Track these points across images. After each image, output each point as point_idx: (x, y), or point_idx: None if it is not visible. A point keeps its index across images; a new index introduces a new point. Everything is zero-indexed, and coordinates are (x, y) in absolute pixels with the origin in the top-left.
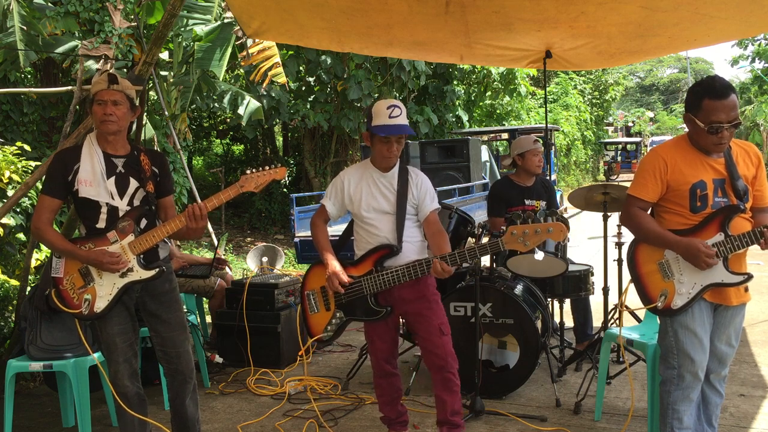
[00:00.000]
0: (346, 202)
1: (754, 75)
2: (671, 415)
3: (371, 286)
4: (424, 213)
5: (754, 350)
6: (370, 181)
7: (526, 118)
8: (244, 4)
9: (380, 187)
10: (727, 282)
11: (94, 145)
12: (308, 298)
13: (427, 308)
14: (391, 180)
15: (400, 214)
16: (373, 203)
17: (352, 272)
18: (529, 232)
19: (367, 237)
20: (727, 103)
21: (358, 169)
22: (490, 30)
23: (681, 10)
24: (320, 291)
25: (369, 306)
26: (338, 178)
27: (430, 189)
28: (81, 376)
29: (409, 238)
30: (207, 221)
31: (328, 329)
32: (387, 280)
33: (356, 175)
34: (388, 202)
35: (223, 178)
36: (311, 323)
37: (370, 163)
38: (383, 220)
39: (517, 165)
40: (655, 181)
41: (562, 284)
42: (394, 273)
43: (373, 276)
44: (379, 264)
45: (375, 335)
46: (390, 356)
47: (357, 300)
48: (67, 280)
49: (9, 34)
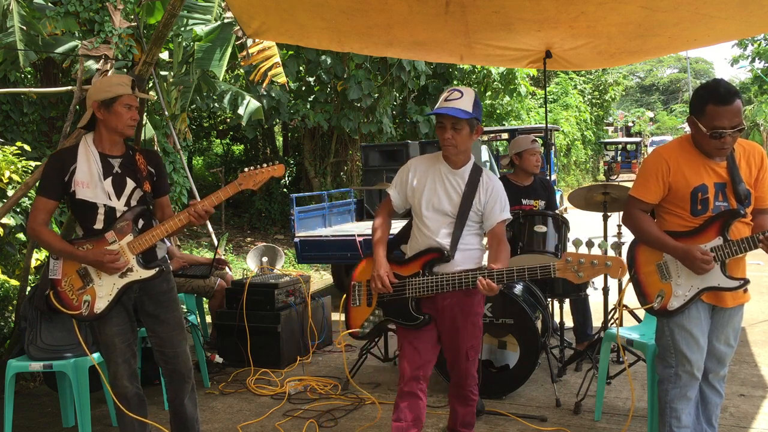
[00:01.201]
0: (408, 194)
1: (754, 75)
2: (669, 414)
3: (415, 290)
4: (490, 223)
5: (754, 350)
6: (437, 176)
7: (526, 118)
8: (244, 4)
9: (446, 184)
10: (723, 287)
11: (90, 146)
12: (353, 289)
13: (461, 326)
14: (459, 179)
15: (461, 218)
16: (434, 201)
17: (399, 271)
18: (585, 263)
19: (419, 237)
20: (730, 109)
21: (428, 159)
22: (490, 30)
23: (681, 10)
24: (366, 284)
25: (408, 310)
26: (405, 167)
27: (501, 196)
28: (81, 376)
29: (465, 245)
30: (207, 217)
31: (365, 325)
32: (432, 285)
33: (423, 166)
34: (451, 203)
35: (223, 178)
36: (351, 315)
37: (441, 156)
38: (440, 222)
39: (514, 165)
40: (657, 182)
41: (562, 284)
42: (440, 280)
43: (419, 279)
44: (427, 267)
45: (407, 341)
46: (420, 370)
47: (398, 301)
48: (66, 281)
49: (9, 34)
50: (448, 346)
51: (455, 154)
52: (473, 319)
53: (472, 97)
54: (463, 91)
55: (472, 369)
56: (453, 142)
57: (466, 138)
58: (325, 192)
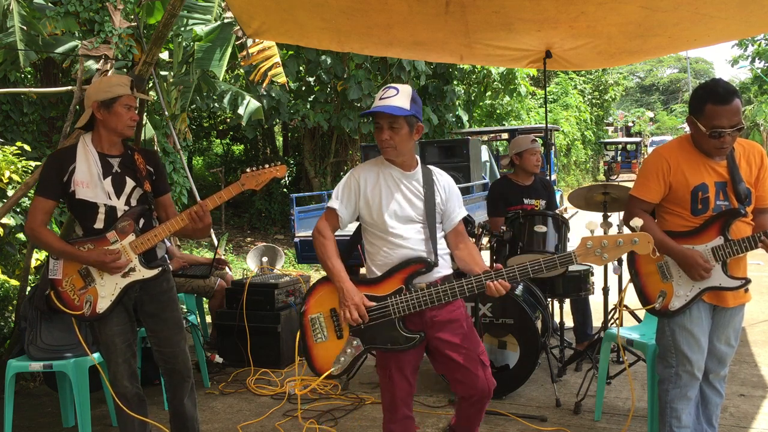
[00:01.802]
0: (361, 207)
1: (754, 75)
2: (669, 414)
3: (401, 308)
4: (452, 221)
5: (754, 350)
6: (391, 183)
7: (526, 118)
8: (244, 4)
9: (404, 190)
10: (725, 286)
11: (89, 146)
12: (313, 324)
13: (463, 335)
14: (415, 182)
15: (431, 222)
16: (397, 209)
17: (373, 292)
18: (608, 244)
19: (390, 250)
20: (729, 109)
21: (373, 166)
22: (490, 30)
23: (681, 10)
24: (330, 315)
25: (397, 332)
26: (351, 178)
27: (456, 192)
28: (81, 376)
29: (441, 249)
30: (210, 219)
31: (340, 361)
32: (425, 299)
33: (372, 175)
34: (415, 209)
35: (223, 178)
36: (316, 355)
37: (385, 160)
38: (411, 230)
39: (515, 164)
40: (657, 182)
41: (562, 284)
42: (436, 291)
43: (403, 296)
44: (410, 281)
45: (395, 368)
46: (409, 396)
47: (381, 325)
48: (67, 281)
49: (9, 34)
50: (455, 361)
51: (396, 156)
52: (467, 324)
53: (409, 94)
54: (399, 87)
55: (491, 376)
56: (391, 143)
57: (405, 138)
58: (325, 192)
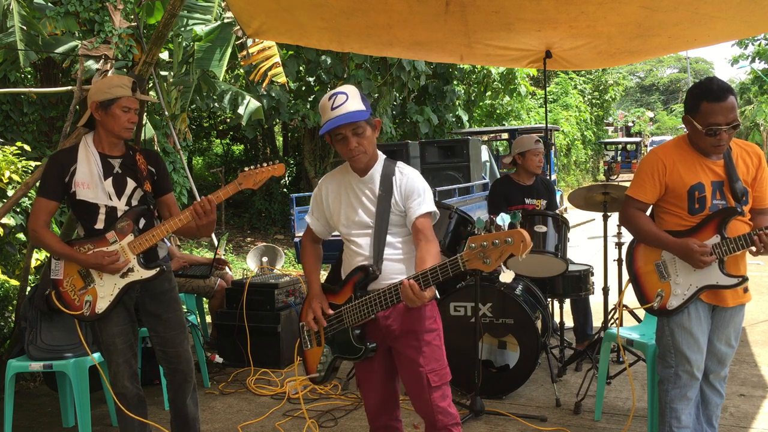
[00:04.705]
0: (328, 217)
1: (754, 75)
2: (669, 414)
3: (351, 317)
4: (409, 219)
5: (754, 350)
6: (349, 189)
7: (526, 118)
8: (244, 4)
9: (358, 194)
10: (722, 284)
11: (90, 146)
12: (302, 332)
13: (414, 348)
14: (370, 185)
15: (380, 225)
16: (352, 216)
17: (335, 300)
18: (488, 245)
19: (348, 257)
20: (724, 106)
21: (336, 175)
22: (490, 30)
23: (681, 10)
24: None
25: (350, 342)
26: (317, 189)
27: (417, 188)
28: (81, 376)
29: (394, 254)
30: (215, 216)
31: (319, 368)
32: (365, 307)
33: (334, 183)
34: (367, 212)
35: (223, 178)
36: (307, 360)
37: (348, 167)
38: (363, 235)
39: (517, 164)
40: (653, 182)
41: (562, 284)
42: (369, 299)
43: (352, 304)
44: (358, 289)
45: (363, 378)
46: (385, 404)
47: (339, 334)
48: (67, 281)
49: (9, 34)
50: (405, 375)
51: (367, 160)
52: (427, 337)
53: (357, 93)
54: (345, 90)
55: (440, 401)
56: (361, 149)
57: (371, 139)
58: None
